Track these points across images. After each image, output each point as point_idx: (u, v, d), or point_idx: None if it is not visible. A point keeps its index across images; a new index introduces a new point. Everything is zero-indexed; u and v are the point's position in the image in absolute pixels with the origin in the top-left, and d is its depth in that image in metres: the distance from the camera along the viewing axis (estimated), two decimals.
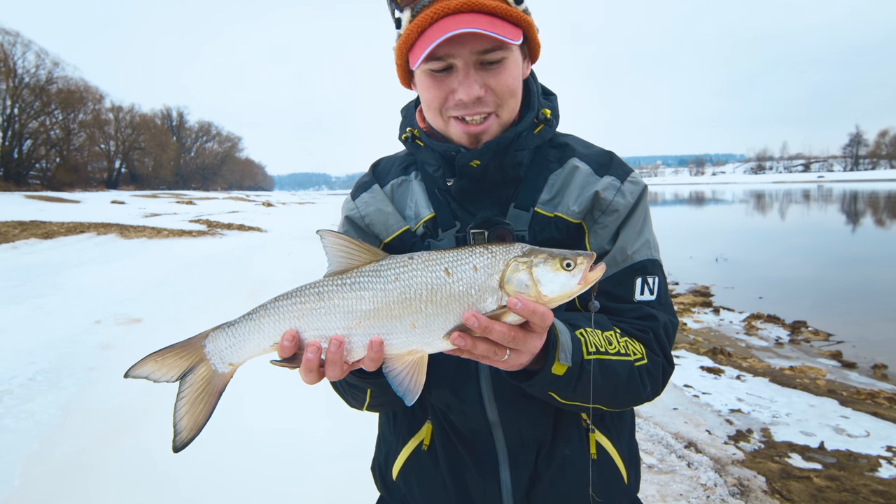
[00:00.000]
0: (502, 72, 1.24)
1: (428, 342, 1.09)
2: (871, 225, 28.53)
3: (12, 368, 5.70)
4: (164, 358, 1.15)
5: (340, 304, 1.10)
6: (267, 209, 42.77)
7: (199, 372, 1.16)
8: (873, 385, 6.76)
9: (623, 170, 1.41)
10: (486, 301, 1.07)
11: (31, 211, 26.51)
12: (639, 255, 1.36)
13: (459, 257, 1.10)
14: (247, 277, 11.07)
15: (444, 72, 1.25)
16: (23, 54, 56.19)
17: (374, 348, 1.07)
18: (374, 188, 1.51)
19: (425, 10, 1.20)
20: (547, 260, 1.07)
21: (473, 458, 1.43)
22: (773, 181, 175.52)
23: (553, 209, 1.36)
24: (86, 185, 65.90)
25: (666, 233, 26.23)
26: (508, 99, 1.28)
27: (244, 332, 1.14)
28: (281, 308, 1.13)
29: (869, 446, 4.64)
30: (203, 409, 1.15)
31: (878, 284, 12.91)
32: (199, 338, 1.17)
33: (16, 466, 3.89)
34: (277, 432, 4.31)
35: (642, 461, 4.12)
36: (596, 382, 1.20)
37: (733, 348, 8.28)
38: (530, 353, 1.09)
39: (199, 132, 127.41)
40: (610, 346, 1.25)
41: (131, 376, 1.15)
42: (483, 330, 1.01)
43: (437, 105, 1.30)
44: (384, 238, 1.47)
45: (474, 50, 1.21)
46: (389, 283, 1.09)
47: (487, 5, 1.18)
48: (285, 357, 1.10)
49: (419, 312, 1.07)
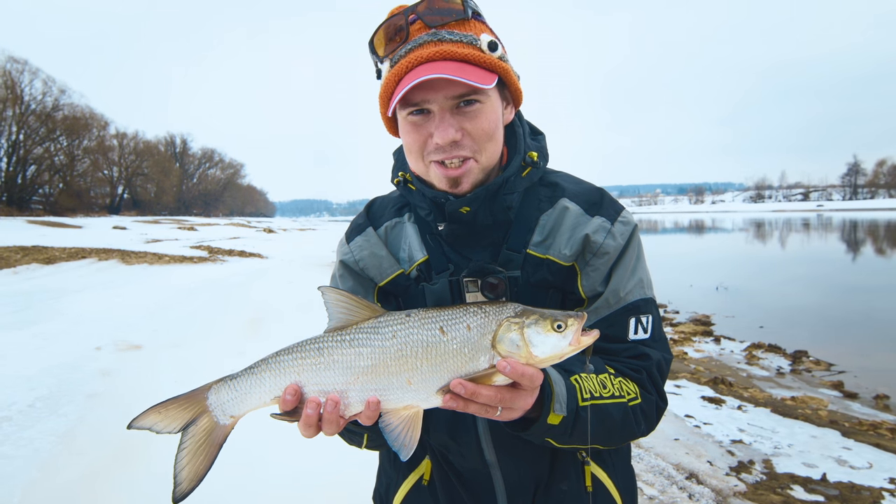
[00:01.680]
0: (478, 116, 1.28)
1: (423, 398, 1.12)
2: (872, 254, 28.53)
3: (12, 395, 5.68)
4: (167, 409, 1.18)
5: (340, 360, 1.14)
6: (268, 235, 42.90)
7: (200, 423, 1.18)
8: (875, 416, 6.72)
9: (613, 209, 1.43)
10: (478, 360, 1.11)
11: (33, 236, 26.60)
12: (632, 296, 1.38)
13: (454, 316, 1.14)
14: (247, 304, 11.09)
15: (422, 116, 1.30)
16: (30, 82, 56.99)
17: (371, 407, 1.11)
18: (369, 231, 1.54)
19: (401, 60, 1.26)
20: (538, 321, 1.10)
21: (473, 497, 1.46)
22: (772, 210, 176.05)
23: (545, 251, 1.38)
24: (88, 211, 66.14)
25: (666, 261, 26.29)
26: (486, 143, 1.31)
27: (246, 386, 1.18)
28: (282, 363, 1.16)
29: (872, 478, 4.60)
30: (204, 460, 1.18)
31: (879, 314, 12.87)
32: (201, 390, 1.20)
33: (14, 494, 3.86)
34: (278, 462, 4.29)
35: (643, 492, 4.09)
36: (591, 426, 1.24)
37: (734, 378, 8.24)
38: (522, 410, 1.13)
39: (202, 158, 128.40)
40: (604, 390, 1.28)
41: (135, 427, 1.17)
42: (470, 395, 1.06)
43: (417, 149, 1.34)
44: (378, 282, 1.50)
45: (448, 95, 1.26)
46: (387, 341, 1.13)
47: (459, 53, 1.24)
48: (286, 410, 1.14)
49: (415, 369, 1.11)
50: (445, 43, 1.25)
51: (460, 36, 1.26)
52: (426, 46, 1.25)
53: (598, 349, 1.38)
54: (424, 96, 1.26)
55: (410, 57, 1.25)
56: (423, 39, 1.26)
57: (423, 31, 1.27)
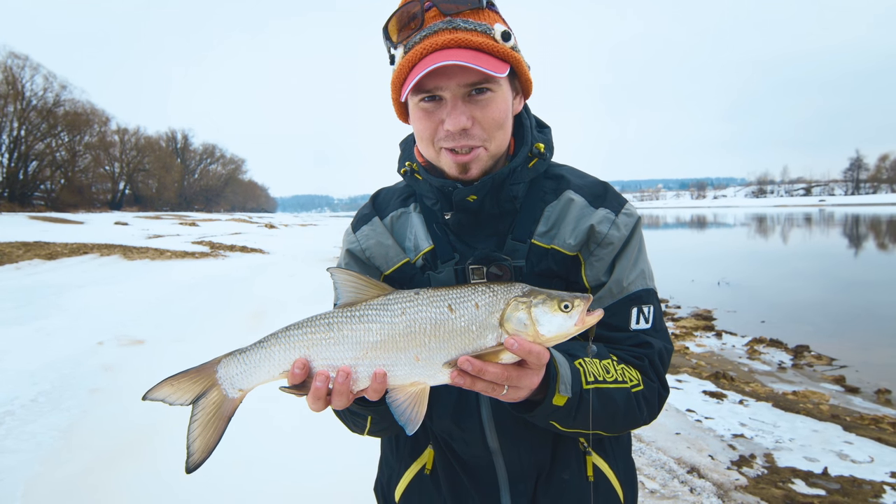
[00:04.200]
0: (489, 104, 1.29)
1: (430, 374, 1.14)
2: (874, 249, 28.49)
3: (15, 389, 5.71)
4: (178, 382, 1.20)
5: (349, 335, 1.15)
6: (269, 231, 42.89)
7: (210, 396, 1.20)
8: (877, 410, 6.72)
9: (617, 201, 1.45)
10: (486, 338, 1.12)
11: (35, 232, 26.63)
12: (634, 286, 1.40)
13: (463, 294, 1.16)
14: (249, 299, 11.10)
15: (434, 102, 1.31)
16: (31, 77, 56.91)
17: (378, 379, 1.12)
18: (374, 220, 1.55)
19: (416, 47, 1.27)
20: (546, 301, 1.12)
21: (475, 485, 1.46)
22: (774, 205, 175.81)
23: (550, 241, 1.40)
24: (90, 207, 66.19)
25: (668, 256, 26.26)
26: (496, 131, 1.32)
27: (255, 360, 1.19)
28: (291, 337, 1.17)
29: (873, 472, 4.61)
30: (214, 432, 1.20)
31: (881, 308, 12.86)
32: (212, 363, 1.21)
33: (17, 487, 3.88)
34: (280, 453, 4.30)
35: (644, 486, 4.09)
36: (595, 410, 1.25)
37: (736, 372, 8.24)
38: (528, 389, 1.15)
39: (203, 154, 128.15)
40: (608, 375, 1.30)
41: (149, 398, 1.20)
42: (477, 372, 1.08)
43: (428, 136, 1.35)
44: (385, 270, 1.51)
45: (461, 83, 1.27)
46: (396, 317, 1.15)
47: (474, 41, 1.25)
48: (294, 384, 1.15)
49: (423, 346, 1.13)
50: (460, 31, 1.26)
51: (475, 24, 1.27)
52: (441, 34, 1.26)
53: (601, 338, 1.40)
54: (437, 83, 1.27)
55: (425, 43, 1.26)
56: (439, 27, 1.27)
57: (439, 19, 1.28)
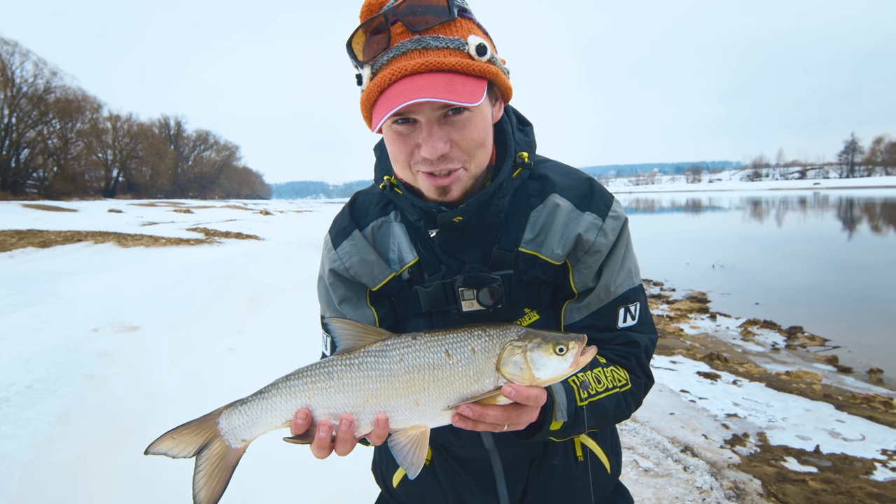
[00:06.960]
0: (467, 125, 1.21)
1: (430, 418, 1.17)
2: (867, 231, 28.61)
3: (10, 376, 5.70)
4: (180, 435, 1.21)
5: (349, 384, 1.17)
6: (264, 217, 42.80)
7: (213, 448, 1.22)
8: (869, 389, 6.78)
9: (604, 202, 1.40)
10: (483, 382, 1.15)
11: (29, 220, 26.50)
12: (621, 288, 1.40)
13: (459, 340, 1.18)
14: (245, 285, 11.08)
15: (408, 125, 1.22)
16: (21, 64, 56.33)
17: (381, 425, 1.15)
18: (355, 234, 1.47)
19: (384, 70, 1.18)
20: (541, 344, 1.14)
21: (472, 477, 1.50)
22: (769, 188, 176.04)
23: (537, 248, 1.36)
24: (83, 194, 65.82)
25: (663, 240, 26.33)
26: (476, 150, 1.25)
27: (257, 411, 1.20)
28: (292, 387, 1.19)
29: (864, 450, 4.66)
30: (219, 482, 1.21)
31: (874, 290, 12.95)
32: (213, 415, 1.22)
33: (13, 473, 3.89)
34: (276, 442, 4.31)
35: (638, 465, 4.14)
36: (589, 422, 1.29)
37: (730, 354, 8.30)
38: (527, 423, 1.18)
39: (196, 141, 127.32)
40: (599, 385, 1.33)
41: (151, 453, 1.21)
42: (478, 417, 1.12)
43: (404, 159, 1.27)
44: (371, 287, 1.46)
45: (436, 106, 1.18)
46: (395, 364, 1.17)
47: (447, 63, 1.15)
48: (298, 434, 1.16)
49: (422, 392, 1.16)
50: (431, 51, 1.16)
51: (447, 41, 1.17)
52: (411, 56, 1.16)
53: (589, 339, 1.38)
54: (410, 108, 1.18)
55: (394, 67, 1.16)
56: (407, 47, 1.17)
57: (406, 36, 1.17)
